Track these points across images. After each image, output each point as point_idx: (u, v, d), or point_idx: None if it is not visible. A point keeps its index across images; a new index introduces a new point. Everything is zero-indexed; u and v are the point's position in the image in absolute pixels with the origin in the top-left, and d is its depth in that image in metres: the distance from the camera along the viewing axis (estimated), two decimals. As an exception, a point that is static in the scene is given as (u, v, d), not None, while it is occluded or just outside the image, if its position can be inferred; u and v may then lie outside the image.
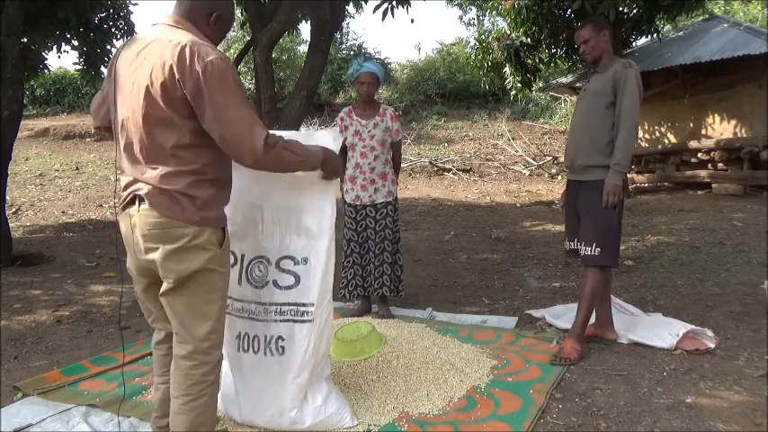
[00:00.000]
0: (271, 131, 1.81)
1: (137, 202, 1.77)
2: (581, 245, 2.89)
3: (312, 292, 2.15)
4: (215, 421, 1.94)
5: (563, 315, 3.45)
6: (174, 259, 1.76)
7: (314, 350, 2.15)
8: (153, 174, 1.73)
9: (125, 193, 1.81)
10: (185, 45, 1.67)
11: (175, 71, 1.65)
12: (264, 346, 2.17)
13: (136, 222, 1.77)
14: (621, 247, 5.53)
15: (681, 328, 3.03)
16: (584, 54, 2.94)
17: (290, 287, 2.16)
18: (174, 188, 1.73)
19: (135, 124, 1.74)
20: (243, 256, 2.21)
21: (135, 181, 1.78)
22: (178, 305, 1.82)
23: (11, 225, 6.29)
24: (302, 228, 2.18)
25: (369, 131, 3.57)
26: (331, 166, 2.04)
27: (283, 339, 2.16)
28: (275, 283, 2.17)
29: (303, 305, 2.15)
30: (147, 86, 1.69)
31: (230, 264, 1.98)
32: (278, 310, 2.17)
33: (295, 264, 2.17)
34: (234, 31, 17.93)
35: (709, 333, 3.03)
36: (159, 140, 1.72)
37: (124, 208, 1.82)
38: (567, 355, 2.80)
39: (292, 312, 2.16)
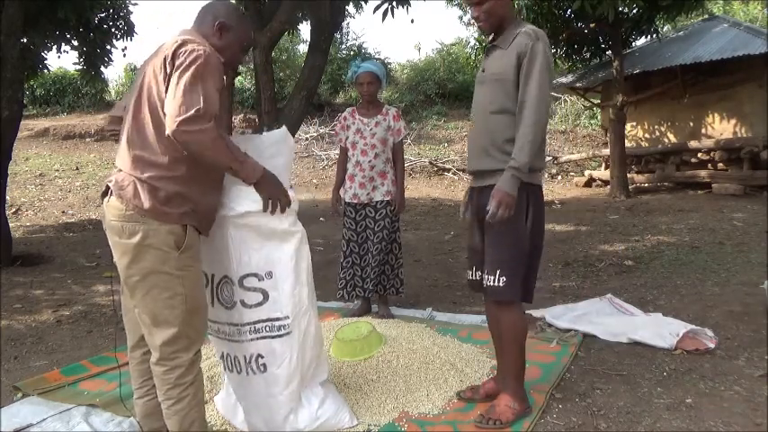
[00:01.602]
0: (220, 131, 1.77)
1: (108, 193, 1.83)
2: (484, 273, 2.22)
3: (284, 306, 2.06)
4: (204, 418, 1.94)
5: (563, 315, 3.46)
6: (125, 258, 1.78)
7: (298, 360, 2.10)
8: (128, 161, 1.79)
9: (104, 185, 1.87)
10: (182, 38, 1.80)
11: (167, 58, 1.75)
12: (245, 365, 2.10)
13: (104, 213, 1.83)
14: (621, 247, 5.58)
15: (681, 328, 3.03)
16: (479, 22, 2.21)
17: (259, 304, 2.05)
18: (140, 176, 1.76)
19: (130, 112, 1.82)
20: (213, 276, 2.10)
21: (116, 172, 1.84)
22: (140, 311, 1.83)
23: (11, 225, 6.29)
24: (261, 241, 2.03)
25: (370, 129, 3.57)
26: (265, 188, 1.89)
27: (263, 357, 2.08)
28: (243, 303, 2.05)
29: (278, 319, 2.07)
30: (146, 75, 1.80)
31: (199, 268, 1.92)
32: (252, 329, 2.07)
33: (259, 280, 2.04)
34: (234, 31, 17.91)
35: (710, 333, 3.03)
36: (143, 127, 1.79)
37: (102, 200, 1.88)
38: (498, 417, 2.19)
39: (267, 329, 2.07)
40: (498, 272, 2.15)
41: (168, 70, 1.74)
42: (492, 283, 2.17)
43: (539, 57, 2.05)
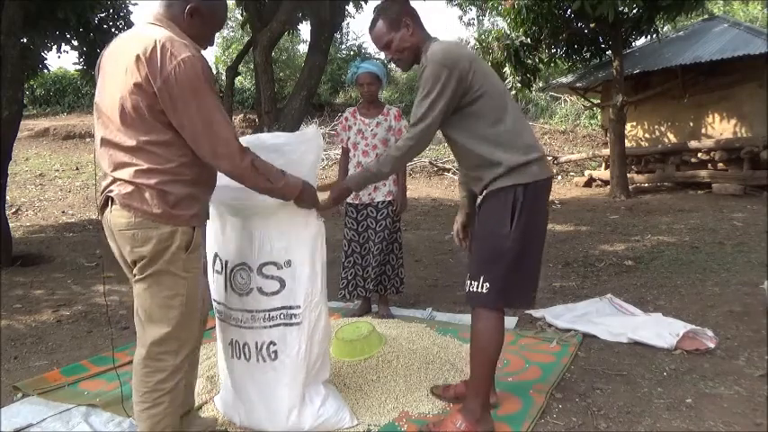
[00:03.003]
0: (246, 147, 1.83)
1: (110, 204, 1.77)
2: (467, 277, 2.13)
3: (298, 295, 2.11)
4: (176, 427, 1.91)
5: (563, 315, 3.46)
6: (140, 264, 1.76)
7: (306, 353, 2.12)
8: (129, 170, 1.72)
9: (101, 196, 1.81)
10: (158, 41, 1.65)
11: (147, 67, 1.63)
12: (256, 353, 2.14)
13: (110, 224, 1.78)
14: (621, 247, 5.58)
15: (681, 327, 3.03)
16: (397, 63, 2.20)
17: (276, 292, 2.11)
18: (147, 183, 1.71)
19: (113, 122, 1.73)
20: (227, 262, 2.16)
21: (111, 181, 1.77)
22: (140, 307, 1.82)
23: (11, 225, 6.29)
24: (283, 230, 2.11)
25: (371, 130, 3.57)
26: (305, 200, 2.03)
27: (275, 344, 2.12)
28: (260, 290, 2.12)
29: (290, 308, 2.11)
30: (123, 82, 1.68)
31: (201, 268, 1.92)
32: (266, 316, 2.12)
33: (278, 268, 2.11)
34: (234, 31, 17.96)
35: (709, 333, 3.03)
36: (137, 137, 1.71)
37: (102, 211, 1.82)
38: None
39: (282, 316, 2.12)
40: (482, 278, 2.05)
41: (150, 75, 1.63)
42: (474, 289, 2.07)
43: (424, 83, 2.01)
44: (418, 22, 2.14)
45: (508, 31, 10.19)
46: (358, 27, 36.87)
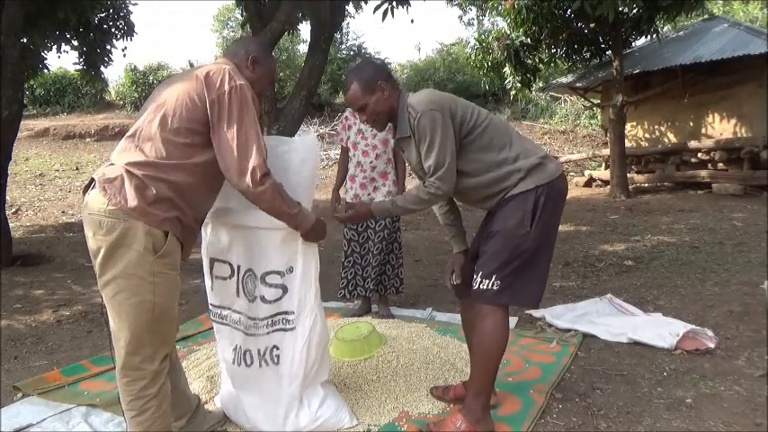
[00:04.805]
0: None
1: (91, 186, 1.80)
2: (477, 275, 2.10)
3: (293, 301, 2.11)
4: (168, 428, 1.89)
5: (563, 315, 3.46)
6: (99, 255, 1.74)
7: (301, 358, 2.12)
8: (127, 157, 1.78)
9: (90, 177, 1.85)
10: (225, 67, 1.87)
11: (206, 81, 1.82)
12: (258, 359, 2.15)
13: (84, 206, 1.79)
14: (621, 247, 5.58)
15: (681, 327, 3.03)
16: (371, 124, 2.21)
17: (278, 299, 2.13)
18: (134, 173, 1.74)
19: (148, 117, 1.82)
20: (239, 267, 2.17)
21: (108, 165, 1.81)
22: (109, 315, 1.80)
23: (11, 225, 6.29)
24: (284, 239, 2.09)
25: (372, 130, 3.57)
26: (314, 235, 2.06)
27: (278, 348, 2.14)
28: (263, 299, 2.13)
29: (287, 313, 2.12)
30: (179, 90, 1.83)
31: (176, 277, 1.86)
32: (268, 323, 2.14)
33: (281, 276, 2.11)
34: (234, 31, 17.98)
35: (710, 333, 3.03)
36: (156, 131, 1.78)
37: (85, 192, 1.84)
38: None
39: (283, 321, 2.13)
40: (494, 276, 2.05)
41: (207, 88, 1.81)
42: (484, 287, 2.06)
43: (423, 134, 2.02)
44: (392, 82, 2.16)
45: (508, 31, 10.18)
46: (358, 27, 36.93)
